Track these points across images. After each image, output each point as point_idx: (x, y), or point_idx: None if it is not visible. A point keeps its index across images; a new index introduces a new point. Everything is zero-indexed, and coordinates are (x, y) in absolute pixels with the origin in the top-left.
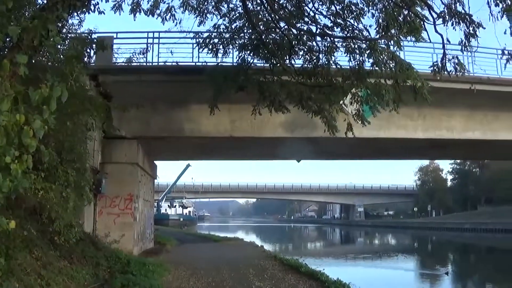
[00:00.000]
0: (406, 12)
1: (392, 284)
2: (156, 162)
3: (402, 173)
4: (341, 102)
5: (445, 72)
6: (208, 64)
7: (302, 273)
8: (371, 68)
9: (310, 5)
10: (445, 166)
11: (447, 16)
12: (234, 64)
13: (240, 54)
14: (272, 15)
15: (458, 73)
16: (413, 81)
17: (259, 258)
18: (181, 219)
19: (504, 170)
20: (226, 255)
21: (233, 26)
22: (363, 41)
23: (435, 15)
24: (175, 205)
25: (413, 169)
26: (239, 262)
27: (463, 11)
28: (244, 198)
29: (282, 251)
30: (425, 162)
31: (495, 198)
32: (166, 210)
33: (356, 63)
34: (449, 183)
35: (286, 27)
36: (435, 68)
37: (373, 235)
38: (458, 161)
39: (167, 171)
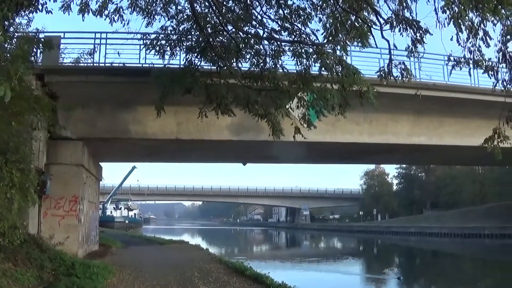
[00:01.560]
0: (353, 18)
1: None
2: (101, 163)
3: (348, 177)
4: (287, 106)
5: (391, 78)
6: (155, 65)
7: (247, 276)
8: (318, 72)
9: (258, 9)
10: (391, 170)
11: (394, 22)
12: (181, 66)
13: (187, 56)
14: (220, 18)
15: (404, 79)
16: (359, 86)
17: (204, 261)
18: (127, 222)
19: (449, 175)
20: (171, 258)
21: (180, 28)
22: (310, 46)
23: (382, 21)
24: (121, 207)
25: (359, 173)
26: (184, 265)
27: (410, 17)
28: (190, 200)
29: (228, 254)
30: (371, 166)
31: (440, 202)
32: (111, 212)
33: (302, 67)
34: (394, 188)
35: (233, 30)
36: (381, 73)
37: (319, 239)
38: (404, 165)
39: (113, 173)
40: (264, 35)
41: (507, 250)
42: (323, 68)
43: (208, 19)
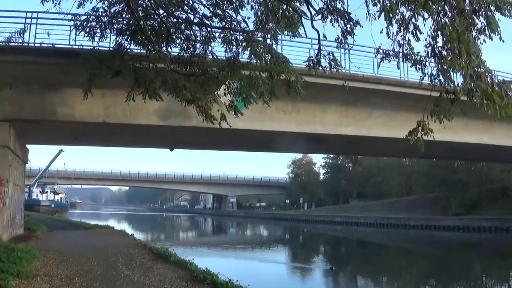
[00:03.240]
0: (284, 7)
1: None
2: (28, 145)
3: (276, 165)
4: (215, 92)
5: (320, 68)
6: (84, 47)
7: (172, 262)
8: (247, 60)
9: None
10: (318, 160)
11: (326, 13)
12: (111, 49)
13: (117, 39)
14: (152, 2)
15: (332, 69)
16: (287, 75)
17: (129, 246)
18: (53, 206)
19: (376, 166)
20: (96, 243)
21: (112, 10)
22: (240, 33)
23: (313, 11)
24: (47, 191)
25: (287, 162)
26: (109, 250)
27: (342, 9)
28: (116, 186)
29: (153, 240)
30: (299, 155)
31: (367, 193)
32: (37, 195)
33: (232, 54)
34: (321, 177)
35: (164, 14)
36: (310, 63)
37: (245, 226)
38: (331, 155)
39: (40, 156)
40: (195, 21)
41: (431, 241)
42: (252, 56)
43: (139, 2)
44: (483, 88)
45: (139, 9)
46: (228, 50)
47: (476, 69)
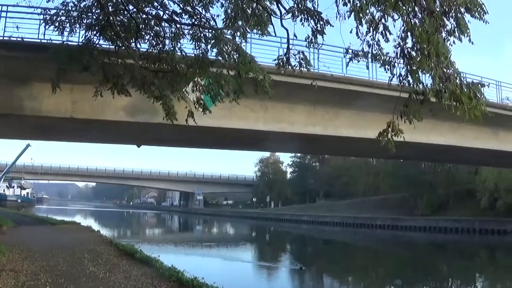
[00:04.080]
0: (254, 5)
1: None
2: None
3: (244, 163)
4: (183, 89)
5: (289, 67)
6: (53, 42)
7: (137, 259)
8: (215, 57)
9: None
10: (286, 159)
11: (296, 12)
12: (80, 43)
13: (86, 34)
14: None
15: (302, 68)
16: (255, 74)
17: (95, 243)
18: (19, 201)
19: (343, 166)
20: (63, 239)
21: (81, 5)
22: (209, 30)
23: (283, 10)
24: (14, 186)
25: (254, 160)
26: (75, 246)
27: (312, 8)
28: (83, 181)
29: (120, 236)
30: (266, 153)
31: (334, 192)
32: (4, 190)
33: (201, 51)
34: (289, 176)
35: (134, 10)
36: (279, 62)
37: (212, 224)
38: (299, 154)
39: (6, 150)
40: (165, 17)
41: (398, 241)
42: (219, 54)
43: None
44: (451, 90)
45: (108, 4)
46: (197, 47)
47: (445, 70)
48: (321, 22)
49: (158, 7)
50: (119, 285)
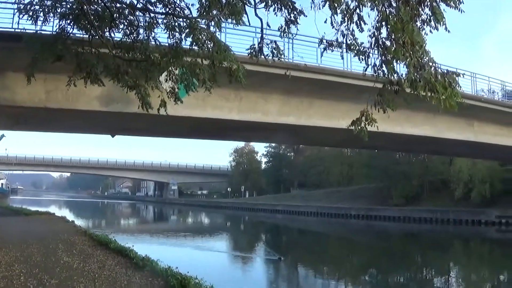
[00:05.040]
0: None
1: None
2: None
3: (219, 154)
4: (157, 79)
5: (262, 56)
6: (27, 31)
7: (111, 249)
8: (189, 47)
9: None
10: (260, 148)
11: (269, 1)
12: (54, 33)
13: (60, 23)
14: None
15: (275, 58)
16: (229, 63)
17: (69, 233)
18: None
19: (317, 156)
20: (37, 230)
21: None
22: (184, 19)
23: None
24: None
25: (229, 150)
26: (49, 236)
27: None
28: (58, 172)
29: (94, 226)
30: (241, 143)
31: (308, 182)
32: None
33: (175, 41)
34: (263, 166)
35: None
36: (252, 51)
37: (187, 214)
38: (273, 144)
39: None
40: (139, 6)
41: (372, 231)
42: (194, 43)
43: None
44: (427, 78)
45: None
46: (171, 37)
47: (419, 59)
48: (295, 12)
49: None
50: (93, 275)
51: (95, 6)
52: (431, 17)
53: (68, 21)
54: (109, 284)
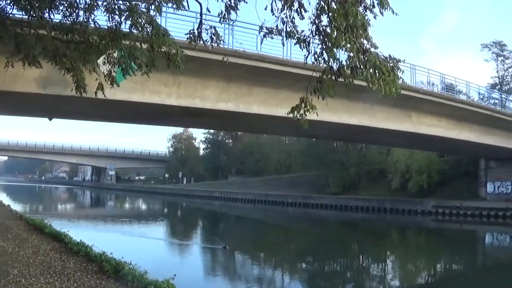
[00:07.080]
0: None
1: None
2: None
3: (157, 139)
4: (95, 61)
5: (201, 41)
6: None
7: (46, 234)
8: (129, 30)
9: None
10: (199, 135)
11: None
12: None
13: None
14: None
15: (214, 44)
16: (168, 47)
17: (5, 217)
18: None
19: (255, 143)
20: None
21: None
22: (124, 2)
23: None
24: None
25: (167, 135)
26: None
27: None
28: None
29: (31, 211)
30: (179, 129)
31: (246, 169)
32: None
33: (114, 23)
34: (201, 152)
35: None
36: (191, 36)
37: (124, 199)
38: (212, 131)
39: None
40: None
41: (309, 219)
42: (133, 27)
43: None
44: (371, 61)
45: None
46: (110, 19)
47: (362, 45)
48: None
49: None
50: (27, 260)
51: None
52: (375, 2)
53: (8, 1)
54: (44, 269)
